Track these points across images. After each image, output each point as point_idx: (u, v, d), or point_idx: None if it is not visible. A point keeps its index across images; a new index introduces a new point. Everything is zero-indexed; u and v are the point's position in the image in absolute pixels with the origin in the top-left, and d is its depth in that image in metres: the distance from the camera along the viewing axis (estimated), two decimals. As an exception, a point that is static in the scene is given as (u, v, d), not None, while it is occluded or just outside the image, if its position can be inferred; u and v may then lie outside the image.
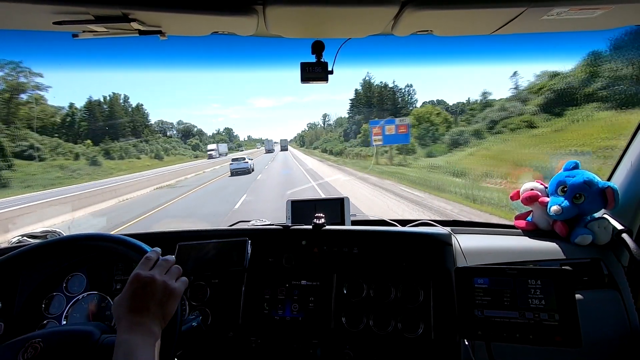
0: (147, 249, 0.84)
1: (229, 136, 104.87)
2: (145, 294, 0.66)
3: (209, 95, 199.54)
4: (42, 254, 0.91)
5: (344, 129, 43.80)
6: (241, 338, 1.11)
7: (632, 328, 1.05)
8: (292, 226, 1.25)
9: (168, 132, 67.82)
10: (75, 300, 1.18)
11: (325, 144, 46.40)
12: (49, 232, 1.47)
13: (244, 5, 0.75)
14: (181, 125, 73.40)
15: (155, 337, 0.64)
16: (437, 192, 10.40)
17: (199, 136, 72.66)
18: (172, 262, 0.75)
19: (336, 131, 57.37)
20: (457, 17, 0.79)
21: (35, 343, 0.67)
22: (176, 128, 72.24)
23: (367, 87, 43.16)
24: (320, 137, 64.34)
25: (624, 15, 0.81)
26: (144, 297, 0.66)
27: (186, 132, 70.71)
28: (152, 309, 0.66)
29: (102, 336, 0.70)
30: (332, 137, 50.61)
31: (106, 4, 0.69)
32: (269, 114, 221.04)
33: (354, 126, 40.50)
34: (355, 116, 42.55)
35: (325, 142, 48.06)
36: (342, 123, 67.54)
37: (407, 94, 42.32)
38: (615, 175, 1.22)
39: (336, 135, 49.14)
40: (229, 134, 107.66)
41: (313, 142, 65.46)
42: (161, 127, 67.11)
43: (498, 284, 0.91)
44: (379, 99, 41.26)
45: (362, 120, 35.88)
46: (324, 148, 41.96)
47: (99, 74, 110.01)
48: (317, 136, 69.13)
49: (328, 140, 49.85)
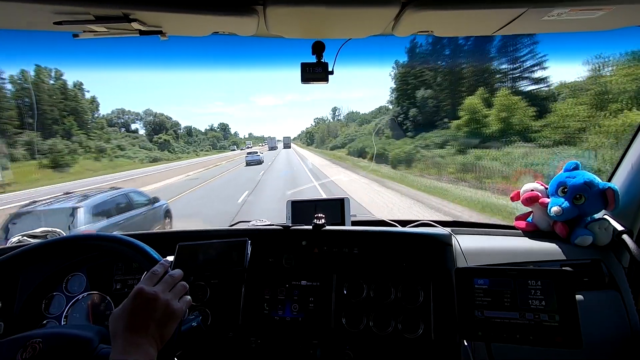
0: (156, 258, 0.83)
1: (224, 132, 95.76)
2: (145, 312, 0.65)
3: (212, 93, 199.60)
4: (45, 254, 0.91)
5: (392, 118, 23.76)
6: (241, 338, 1.11)
7: (632, 329, 1.05)
8: (292, 226, 1.25)
9: (132, 125, 53.86)
10: (75, 300, 1.18)
11: (353, 142, 30.31)
12: (48, 231, 1.47)
13: (244, 5, 0.75)
14: (150, 116, 56.22)
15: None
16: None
17: (175, 132, 58.78)
18: (178, 278, 0.73)
19: (349, 127, 45.88)
20: (458, 18, 0.79)
21: (34, 343, 0.67)
22: (144, 120, 55.76)
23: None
24: (337, 132, 49.40)
25: (625, 15, 0.81)
26: (145, 316, 0.64)
27: (157, 126, 55.84)
28: (151, 329, 0.64)
29: (99, 346, 0.70)
30: (361, 133, 34.03)
31: (107, 4, 0.69)
32: (271, 112, 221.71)
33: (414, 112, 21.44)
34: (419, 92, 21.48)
35: (350, 140, 32.40)
36: (354, 118, 58.15)
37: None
38: (615, 176, 1.22)
39: (367, 130, 34.19)
40: (225, 129, 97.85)
41: (326, 140, 51.84)
42: (121, 119, 52.33)
43: (498, 284, 0.91)
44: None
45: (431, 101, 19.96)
46: (357, 148, 26.53)
47: (99, 74, 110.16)
48: (333, 132, 52.98)
49: (352, 136, 34.58)
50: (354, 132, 37.63)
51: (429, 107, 16.58)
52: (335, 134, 51.25)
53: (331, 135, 52.67)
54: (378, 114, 42.79)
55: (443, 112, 18.63)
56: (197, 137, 75.34)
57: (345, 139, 36.48)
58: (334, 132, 53.13)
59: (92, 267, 1.22)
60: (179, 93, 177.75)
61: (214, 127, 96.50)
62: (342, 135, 39.94)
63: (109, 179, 21.25)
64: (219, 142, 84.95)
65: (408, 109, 21.82)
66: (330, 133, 54.69)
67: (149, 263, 0.82)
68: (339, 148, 35.25)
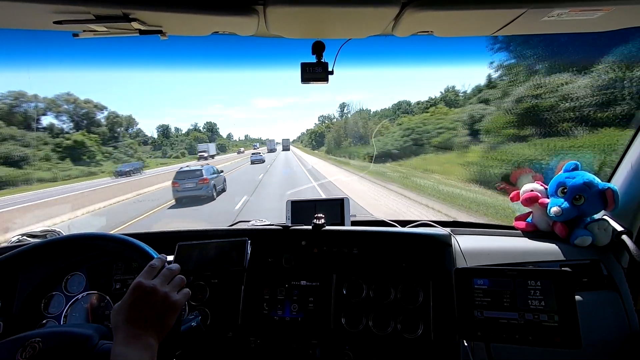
0: (153, 254, 0.83)
1: (212, 133, 78.41)
2: (145, 305, 0.65)
3: (212, 95, 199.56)
4: (44, 253, 0.91)
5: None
6: (240, 338, 1.11)
7: (631, 329, 1.05)
8: (291, 226, 1.25)
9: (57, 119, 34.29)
10: (74, 299, 1.18)
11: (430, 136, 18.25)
12: (48, 231, 1.47)
13: (244, 5, 0.75)
14: (67, 103, 35.70)
15: (152, 351, 0.62)
16: None
17: (111, 128, 40.72)
18: (176, 272, 0.74)
19: (393, 122, 27.55)
20: (458, 18, 0.79)
21: (34, 342, 0.67)
22: (56, 109, 34.73)
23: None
24: (367, 131, 32.71)
25: (625, 16, 0.81)
26: (144, 308, 0.65)
27: (83, 119, 35.77)
28: (151, 321, 0.65)
29: (100, 342, 0.70)
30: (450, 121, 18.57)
31: (107, 4, 0.69)
32: (271, 114, 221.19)
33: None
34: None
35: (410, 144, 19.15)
36: (366, 116, 40.32)
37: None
38: (615, 176, 1.22)
39: (415, 121, 21.28)
40: (212, 130, 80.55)
41: (343, 142, 35.79)
42: (20, 107, 29.88)
43: (498, 284, 0.91)
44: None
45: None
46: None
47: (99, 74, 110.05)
48: (355, 132, 34.76)
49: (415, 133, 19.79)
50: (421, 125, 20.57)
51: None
52: (359, 134, 34.37)
53: (352, 135, 35.41)
54: (398, 109, 35.20)
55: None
56: (176, 138, 62.79)
57: (396, 140, 21.21)
58: (357, 132, 34.95)
59: (91, 267, 1.22)
60: (178, 94, 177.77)
61: (198, 126, 79.55)
62: (388, 135, 22.74)
63: None
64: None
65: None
66: (349, 133, 36.13)
67: (147, 260, 0.82)
68: (390, 159, 19.79)
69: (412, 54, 7.26)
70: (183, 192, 11.35)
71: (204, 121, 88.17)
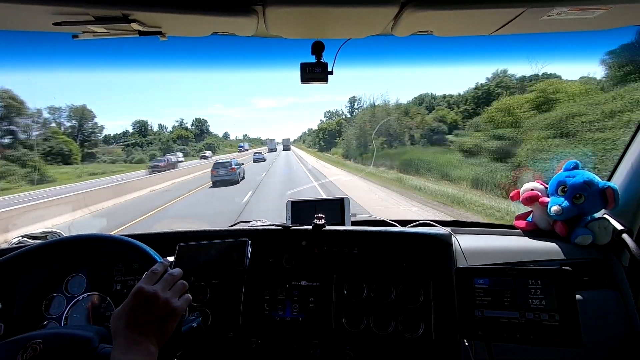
0: (155, 257, 0.83)
1: (201, 132, 68.39)
2: (146, 311, 0.65)
3: (212, 95, 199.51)
4: (45, 255, 0.91)
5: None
6: (241, 339, 1.11)
7: (632, 328, 1.05)
8: (292, 226, 1.25)
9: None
10: (75, 301, 1.18)
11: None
12: (49, 232, 1.47)
13: (243, 6, 0.75)
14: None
15: (152, 358, 0.62)
16: None
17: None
18: (177, 277, 0.74)
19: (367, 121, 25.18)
20: (457, 18, 0.79)
21: (35, 344, 0.67)
22: None
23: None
24: (417, 122, 22.21)
25: (624, 15, 0.81)
26: (145, 314, 0.65)
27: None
28: (152, 327, 0.64)
29: (100, 345, 0.70)
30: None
31: (106, 5, 0.69)
32: (271, 114, 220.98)
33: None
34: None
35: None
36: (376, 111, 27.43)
37: None
38: (615, 175, 1.22)
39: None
40: (202, 127, 69.72)
41: (369, 144, 23.51)
42: None
43: (498, 284, 0.91)
44: None
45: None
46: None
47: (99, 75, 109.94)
48: (387, 124, 22.21)
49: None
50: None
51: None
52: (394, 131, 22.85)
53: (385, 133, 22.35)
54: (421, 102, 27.95)
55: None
56: (154, 137, 53.57)
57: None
58: (392, 128, 22.77)
59: (92, 268, 1.22)
60: (178, 95, 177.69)
61: (184, 123, 68.08)
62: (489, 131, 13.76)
63: None
64: (182, 145, 55.10)
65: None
66: (381, 130, 22.30)
67: (149, 263, 0.82)
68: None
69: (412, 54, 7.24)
70: (218, 177, 15.21)
71: (205, 120, 74.99)
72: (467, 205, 9.50)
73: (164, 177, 18.36)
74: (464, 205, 9.60)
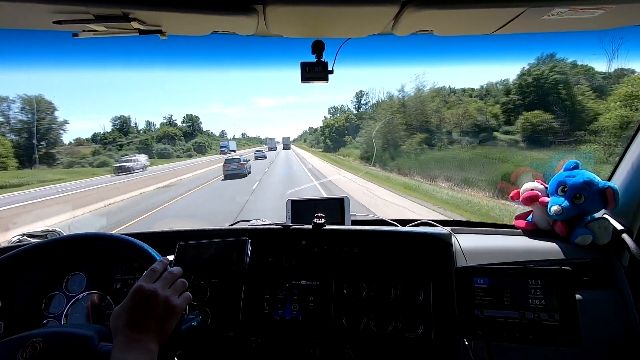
0: (155, 256, 0.83)
1: (193, 129, 61.82)
2: (145, 309, 0.65)
3: (212, 94, 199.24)
4: (45, 254, 0.91)
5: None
6: (241, 338, 1.11)
7: (632, 328, 1.05)
8: (292, 226, 1.25)
9: None
10: (75, 299, 1.18)
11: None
12: (49, 231, 1.47)
13: (244, 4, 0.75)
14: None
15: (152, 356, 0.62)
16: None
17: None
18: (177, 275, 0.74)
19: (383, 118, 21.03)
20: (458, 17, 0.79)
21: (35, 342, 0.67)
22: None
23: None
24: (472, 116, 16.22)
25: (625, 14, 0.81)
26: (144, 312, 0.65)
27: None
28: (151, 325, 0.64)
29: (100, 343, 0.70)
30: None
31: (106, 3, 0.69)
32: (271, 113, 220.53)
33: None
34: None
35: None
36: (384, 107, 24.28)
37: None
38: (615, 175, 1.22)
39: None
40: (193, 124, 62.59)
41: (401, 139, 17.84)
42: None
43: (498, 283, 0.91)
44: None
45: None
46: None
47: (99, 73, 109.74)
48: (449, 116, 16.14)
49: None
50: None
51: None
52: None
53: (422, 125, 18.37)
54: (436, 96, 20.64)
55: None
56: (137, 135, 47.74)
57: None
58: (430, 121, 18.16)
59: (92, 267, 1.22)
60: (178, 95, 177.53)
61: (173, 120, 60.87)
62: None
63: None
64: (166, 145, 48.05)
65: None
66: (418, 124, 18.34)
67: (148, 262, 0.82)
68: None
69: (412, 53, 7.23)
70: (229, 171, 17.34)
71: (202, 119, 67.15)
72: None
73: (117, 190, 12.18)
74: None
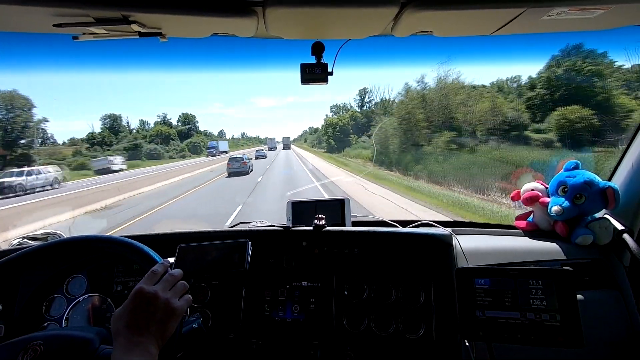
0: (156, 258, 0.83)
1: (188, 129, 57.16)
2: (146, 311, 0.65)
3: (211, 95, 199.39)
4: (46, 256, 0.91)
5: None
6: (242, 339, 1.10)
7: (633, 328, 1.04)
8: (292, 227, 1.25)
9: None
10: (75, 302, 1.18)
11: None
12: (49, 233, 1.47)
13: (243, 6, 0.75)
14: None
15: (152, 358, 0.62)
16: None
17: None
18: (178, 278, 0.74)
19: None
20: (457, 18, 0.79)
21: (35, 345, 0.67)
22: None
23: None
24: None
25: (624, 15, 0.81)
26: (145, 315, 0.65)
27: None
28: (152, 327, 0.64)
29: (100, 346, 0.70)
30: None
31: (106, 6, 0.69)
32: (270, 113, 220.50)
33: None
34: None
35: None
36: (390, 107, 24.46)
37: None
38: (616, 175, 1.22)
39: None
40: (188, 124, 58.28)
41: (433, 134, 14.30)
42: None
43: (499, 284, 0.90)
44: None
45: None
46: None
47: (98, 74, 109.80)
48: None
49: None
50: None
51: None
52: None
53: (445, 122, 15.39)
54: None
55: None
56: (129, 134, 45.21)
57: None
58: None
59: (92, 269, 1.22)
60: (177, 95, 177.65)
61: (168, 119, 55.71)
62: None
63: None
64: (158, 145, 44.46)
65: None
66: (438, 120, 15.63)
67: (149, 264, 0.82)
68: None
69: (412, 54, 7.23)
70: (233, 169, 18.51)
71: (201, 119, 62.92)
72: None
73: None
74: None
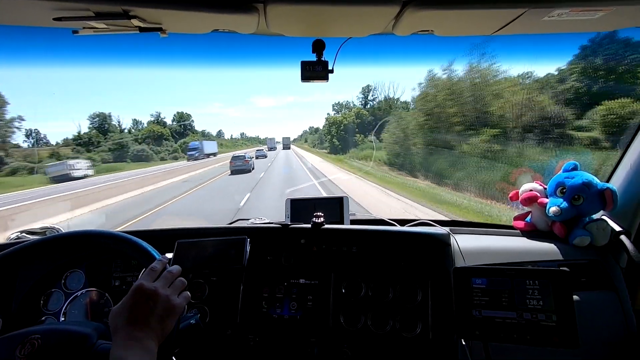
0: (154, 254, 0.83)
1: (183, 129, 54.06)
2: (145, 308, 0.65)
3: (211, 94, 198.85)
4: (44, 251, 0.91)
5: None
6: (239, 336, 1.11)
7: (629, 329, 1.05)
8: (291, 225, 1.25)
9: None
10: (73, 296, 1.18)
11: None
12: (47, 228, 1.47)
13: (244, 3, 0.75)
14: None
15: (151, 355, 0.62)
16: None
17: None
18: (177, 274, 0.74)
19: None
20: (458, 18, 0.79)
21: (33, 339, 0.67)
22: None
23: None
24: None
25: (625, 16, 0.81)
26: (145, 311, 0.65)
27: None
28: (152, 324, 0.65)
29: (98, 341, 0.70)
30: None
31: (106, 1, 0.69)
32: (270, 113, 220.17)
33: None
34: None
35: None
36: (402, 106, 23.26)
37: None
38: (614, 176, 1.22)
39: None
40: (184, 124, 55.33)
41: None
42: None
43: (496, 284, 0.91)
44: None
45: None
46: None
47: (99, 71, 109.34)
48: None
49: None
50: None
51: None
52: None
53: (480, 116, 11.48)
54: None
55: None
56: (119, 135, 42.92)
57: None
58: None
59: (90, 264, 1.22)
60: (178, 94, 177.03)
61: (161, 118, 52.39)
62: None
63: None
64: (149, 145, 42.56)
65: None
66: (468, 112, 11.62)
67: (147, 260, 0.82)
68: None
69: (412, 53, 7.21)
70: (235, 167, 19.33)
71: (200, 119, 60.16)
72: None
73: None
74: None
